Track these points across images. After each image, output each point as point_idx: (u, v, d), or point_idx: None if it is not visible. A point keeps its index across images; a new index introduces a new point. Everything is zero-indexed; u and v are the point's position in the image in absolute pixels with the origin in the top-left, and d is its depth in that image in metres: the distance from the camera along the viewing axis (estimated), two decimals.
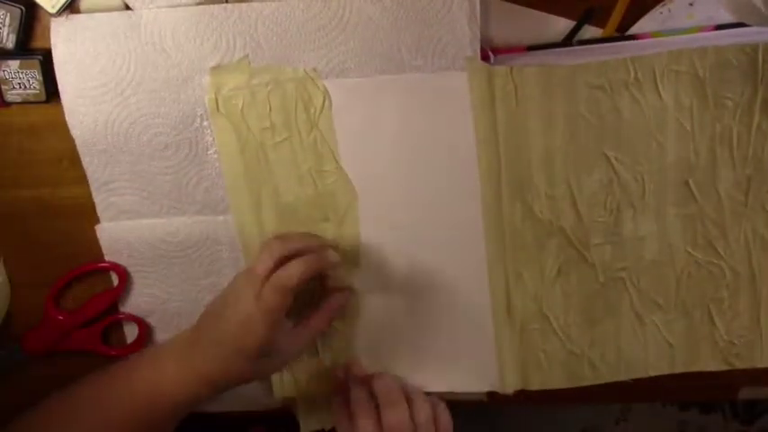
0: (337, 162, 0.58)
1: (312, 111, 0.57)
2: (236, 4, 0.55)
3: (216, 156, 0.59)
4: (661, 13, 0.55)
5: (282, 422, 0.68)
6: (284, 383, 0.65)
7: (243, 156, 0.58)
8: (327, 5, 0.54)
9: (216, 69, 0.56)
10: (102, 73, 0.57)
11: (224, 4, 0.55)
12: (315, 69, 0.56)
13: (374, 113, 0.57)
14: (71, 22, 0.56)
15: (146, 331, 0.65)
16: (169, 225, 0.61)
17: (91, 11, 0.56)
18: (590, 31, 0.56)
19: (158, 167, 0.59)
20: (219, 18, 0.55)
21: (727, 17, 0.55)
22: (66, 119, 0.58)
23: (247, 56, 0.56)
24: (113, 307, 0.65)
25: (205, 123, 0.58)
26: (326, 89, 0.56)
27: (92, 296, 0.64)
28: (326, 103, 0.57)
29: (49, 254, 0.63)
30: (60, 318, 0.64)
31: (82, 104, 0.57)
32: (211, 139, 0.58)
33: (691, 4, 0.55)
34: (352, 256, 0.61)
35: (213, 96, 0.57)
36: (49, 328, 0.64)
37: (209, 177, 0.60)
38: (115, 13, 0.55)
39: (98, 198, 0.61)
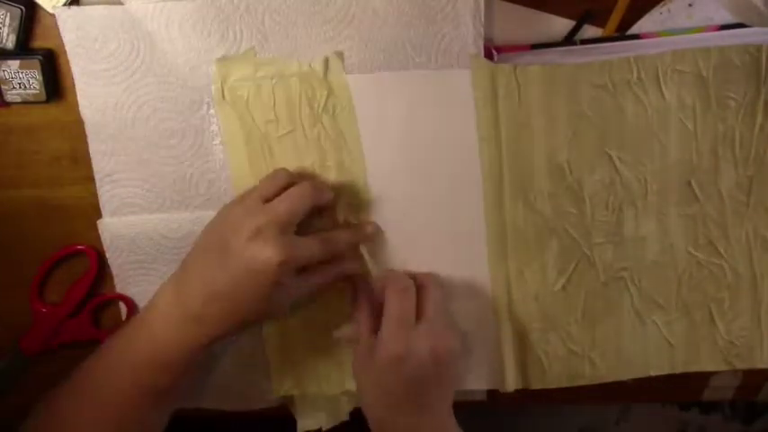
0: (340, 158, 0.58)
1: (316, 106, 0.57)
2: None
3: (220, 147, 0.59)
4: (660, 13, 0.56)
5: (280, 422, 0.68)
6: (283, 382, 0.65)
7: (247, 147, 0.58)
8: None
9: (222, 60, 0.56)
10: (113, 56, 0.57)
11: None
12: (320, 64, 0.56)
13: (378, 110, 0.57)
14: (76, 12, 0.56)
15: (133, 308, 0.64)
16: (171, 221, 0.61)
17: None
18: (590, 32, 0.56)
19: (163, 157, 0.60)
20: (227, 11, 0.55)
21: (727, 18, 0.55)
22: (78, 99, 0.58)
23: (254, 47, 0.56)
24: (96, 291, 0.64)
25: (211, 112, 0.58)
26: (331, 84, 0.56)
27: (71, 284, 0.64)
28: (330, 98, 0.57)
29: (49, 254, 0.63)
30: (44, 311, 0.64)
31: (93, 85, 0.58)
32: (217, 128, 0.59)
33: (690, 5, 0.55)
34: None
35: (219, 86, 0.57)
36: (40, 325, 0.64)
37: (213, 170, 0.60)
38: (120, 7, 0.55)
39: (101, 190, 0.61)
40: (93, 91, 0.58)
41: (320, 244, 0.55)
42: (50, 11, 0.56)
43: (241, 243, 0.51)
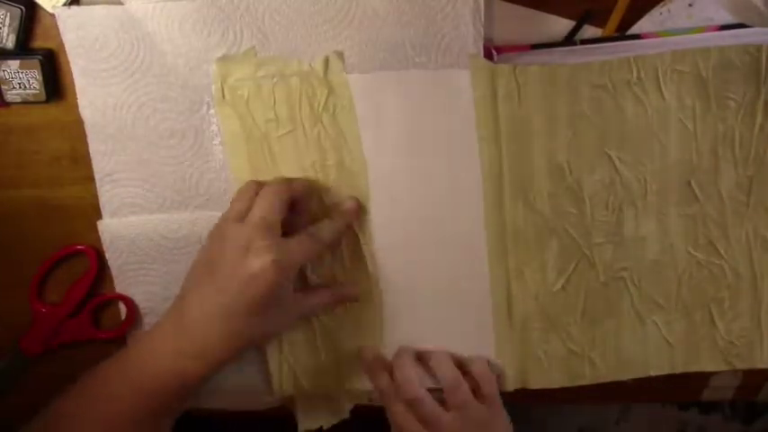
0: (340, 157, 0.58)
1: (316, 105, 0.57)
2: None
3: (220, 147, 0.59)
4: (660, 13, 0.56)
5: (281, 422, 0.68)
6: (284, 381, 0.65)
7: (247, 146, 0.58)
8: None
9: (222, 59, 0.56)
10: (113, 56, 0.57)
11: None
12: (320, 63, 0.56)
13: (378, 110, 0.57)
14: (76, 12, 0.56)
15: (133, 308, 0.64)
16: (171, 221, 0.61)
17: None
18: (590, 32, 0.56)
19: (163, 157, 0.59)
20: (227, 10, 0.55)
21: (727, 18, 0.55)
22: (78, 101, 0.58)
23: (254, 47, 0.56)
24: (95, 291, 0.64)
25: (211, 111, 0.58)
26: (331, 84, 0.56)
27: (71, 284, 0.64)
28: (331, 97, 0.57)
29: (49, 254, 0.63)
30: (44, 311, 0.64)
31: (93, 85, 0.57)
32: (216, 128, 0.59)
33: (690, 5, 0.55)
34: (353, 251, 0.61)
35: (219, 86, 0.57)
36: (40, 325, 0.64)
37: (213, 170, 0.60)
38: (120, 7, 0.55)
39: (101, 190, 0.61)
40: (93, 91, 0.58)
41: (308, 238, 0.55)
42: (50, 11, 0.56)
43: (232, 261, 0.52)
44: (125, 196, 0.61)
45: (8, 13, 0.55)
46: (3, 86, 0.57)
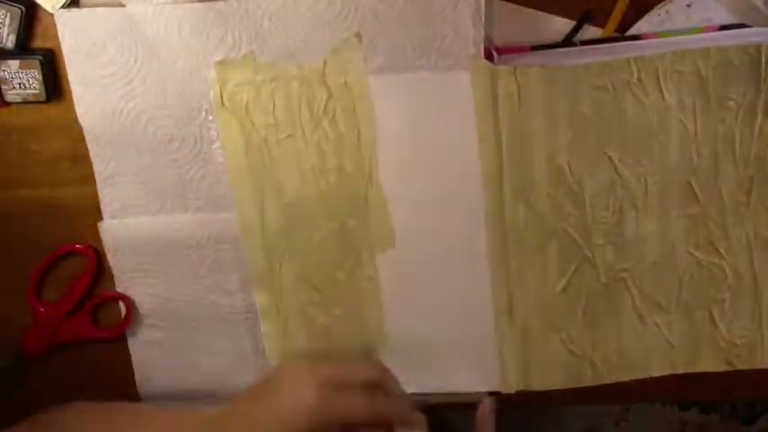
0: (340, 161, 0.58)
1: (316, 109, 0.57)
2: (243, 0, 0.55)
3: (220, 151, 0.59)
4: (659, 15, 0.56)
5: None
6: None
7: (247, 151, 0.58)
8: (333, 2, 0.54)
9: (221, 64, 0.56)
10: (111, 62, 0.57)
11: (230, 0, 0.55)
12: (320, 67, 0.56)
13: (378, 112, 0.57)
14: (76, 15, 0.56)
15: (133, 307, 0.64)
16: (172, 223, 0.61)
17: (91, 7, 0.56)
18: (590, 32, 0.56)
19: (163, 161, 0.59)
20: (225, 14, 0.55)
21: (726, 18, 0.55)
22: (76, 108, 0.58)
23: (253, 51, 0.56)
24: (95, 290, 0.64)
25: (210, 117, 0.58)
26: (330, 87, 0.56)
27: (70, 283, 0.64)
28: (330, 101, 0.57)
29: (49, 254, 0.63)
30: (42, 310, 0.63)
31: (91, 93, 0.57)
32: (216, 133, 0.58)
33: (689, 6, 0.55)
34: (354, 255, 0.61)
35: (218, 91, 0.57)
36: (40, 324, 0.64)
37: (213, 173, 0.60)
38: (120, 9, 0.55)
39: (103, 192, 0.61)
40: (91, 98, 0.58)
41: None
42: (50, 11, 0.56)
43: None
44: (126, 198, 0.61)
45: (8, 13, 0.55)
46: (3, 86, 0.57)
